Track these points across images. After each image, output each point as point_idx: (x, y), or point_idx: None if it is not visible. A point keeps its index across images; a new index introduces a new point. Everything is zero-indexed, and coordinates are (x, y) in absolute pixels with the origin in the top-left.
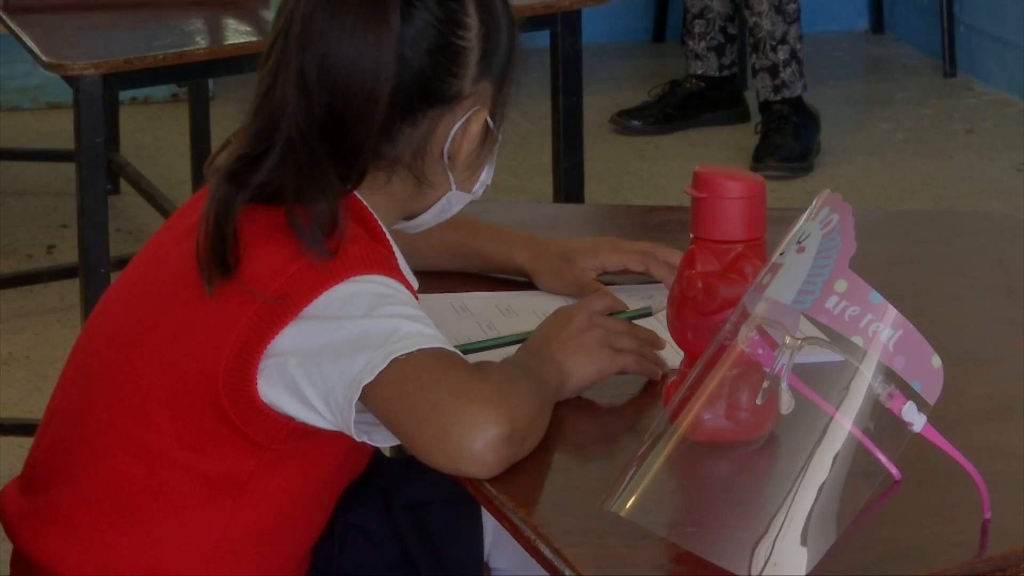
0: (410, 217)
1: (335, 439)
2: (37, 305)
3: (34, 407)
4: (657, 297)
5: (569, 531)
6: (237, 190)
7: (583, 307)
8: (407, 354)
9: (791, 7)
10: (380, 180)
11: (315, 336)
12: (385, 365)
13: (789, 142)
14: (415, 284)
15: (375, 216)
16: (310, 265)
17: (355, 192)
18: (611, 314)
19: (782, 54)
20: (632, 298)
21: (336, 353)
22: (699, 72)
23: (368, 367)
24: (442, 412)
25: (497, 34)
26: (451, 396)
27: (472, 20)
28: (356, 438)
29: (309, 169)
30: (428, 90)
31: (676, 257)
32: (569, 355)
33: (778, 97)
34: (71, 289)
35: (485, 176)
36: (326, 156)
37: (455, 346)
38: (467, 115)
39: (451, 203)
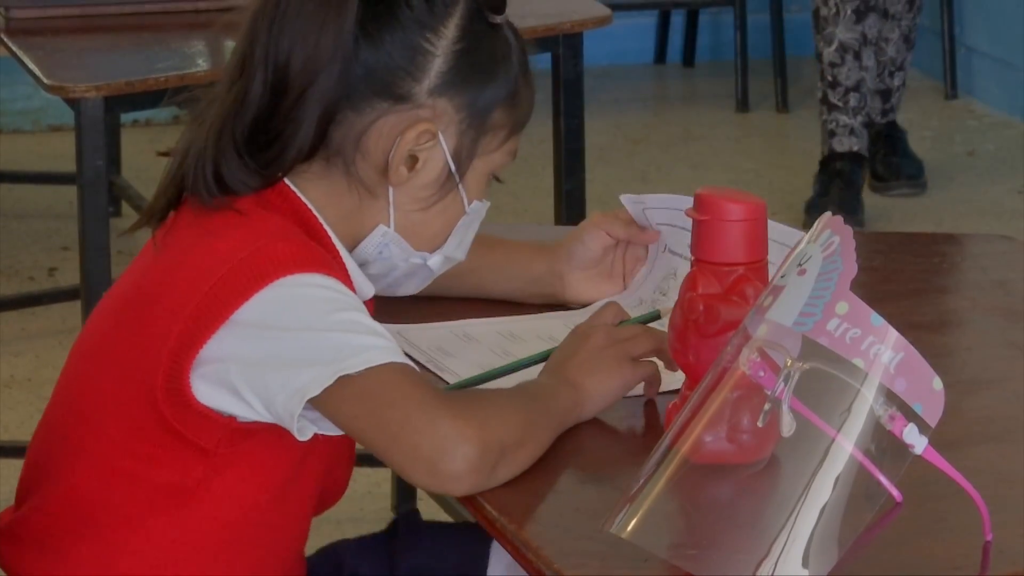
0: (354, 241)
1: (281, 439)
2: (38, 327)
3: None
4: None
5: (571, 553)
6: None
7: (598, 324)
8: (358, 372)
9: (914, 36)
10: (316, 168)
11: (255, 345)
12: (332, 381)
13: (910, 160)
14: (370, 290)
15: (316, 214)
16: (237, 267)
17: (292, 186)
18: (620, 322)
19: (897, 80)
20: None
21: (279, 366)
22: (855, 149)
23: (314, 382)
24: (411, 429)
25: (481, 67)
26: (420, 412)
27: (448, 31)
28: (299, 437)
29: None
30: (378, 77)
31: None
32: (588, 374)
33: (884, 120)
34: (72, 312)
35: (451, 247)
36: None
37: (473, 376)
38: (410, 123)
39: (388, 245)
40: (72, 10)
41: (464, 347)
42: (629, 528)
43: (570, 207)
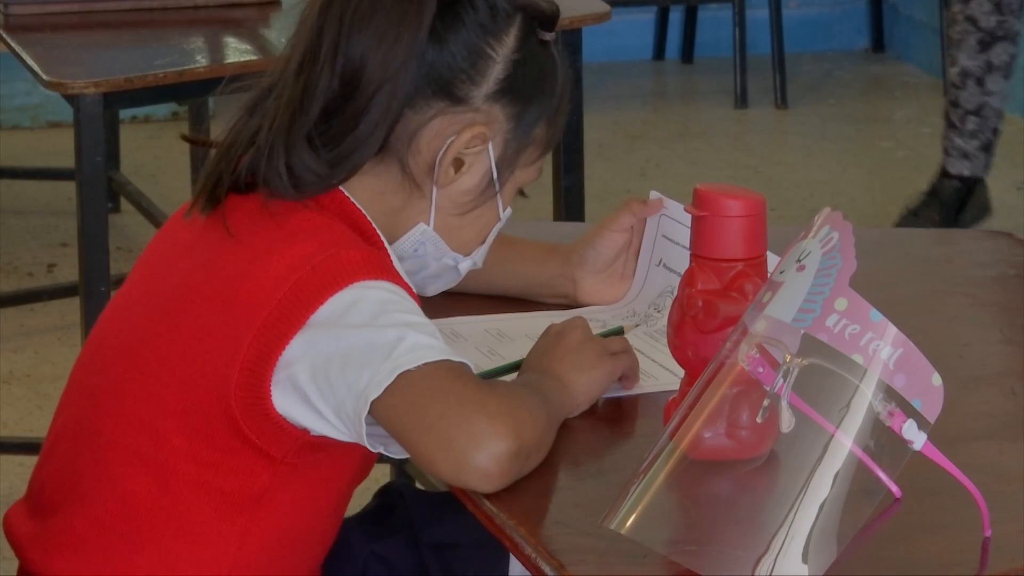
0: (390, 239)
1: (348, 451)
2: (37, 323)
3: (34, 425)
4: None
5: (570, 549)
6: (249, 119)
7: (573, 324)
8: (414, 367)
9: None
10: (370, 164)
11: (321, 345)
12: (392, 380)
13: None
14: (411, 289)
15: (368, 218)
16: (311, 273)
17: (347, 193)
18: None
19: None
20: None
21: (343, 365)
22: (966, 174)
23: (374, 382)
24: (448, 422)
25: (533, 80)
26: (458, 407)
27: (509, 40)
28: (371, 449)
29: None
30: (440, 77)
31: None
32: (571, 369)
33: None
34: (71, 307)
35: (480, 253)
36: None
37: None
38: (466, 124)
39: (424, 243)
40: (71, 6)
41: (451, 345)
42: (628, 524)
43: (569, 203)
